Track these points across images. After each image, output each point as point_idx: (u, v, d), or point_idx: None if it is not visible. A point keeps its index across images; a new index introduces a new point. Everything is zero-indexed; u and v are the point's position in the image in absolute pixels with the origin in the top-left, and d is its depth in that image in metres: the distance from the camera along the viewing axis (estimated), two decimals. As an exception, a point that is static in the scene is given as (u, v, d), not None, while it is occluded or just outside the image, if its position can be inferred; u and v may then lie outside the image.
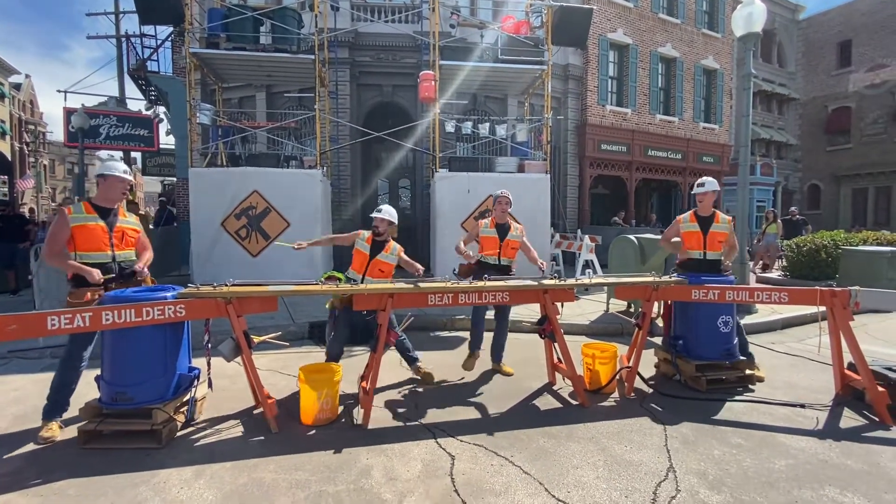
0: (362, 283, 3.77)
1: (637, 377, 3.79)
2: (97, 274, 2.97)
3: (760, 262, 11.29)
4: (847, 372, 3.65)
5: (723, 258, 4.09)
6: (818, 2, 23.67)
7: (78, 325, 2.66)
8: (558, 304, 3.71)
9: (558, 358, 3.79)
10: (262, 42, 8.12)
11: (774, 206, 17.96)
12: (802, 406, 3.49)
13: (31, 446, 2.86)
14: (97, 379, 3.01)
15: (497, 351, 4.38)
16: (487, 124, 8.92)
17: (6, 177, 13.49)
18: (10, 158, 23.28)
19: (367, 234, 4.01)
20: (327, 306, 3.87)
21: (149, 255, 3.44)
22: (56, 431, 2.98)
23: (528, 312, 5.96)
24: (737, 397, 3.68)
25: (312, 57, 7.82)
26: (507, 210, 4.36)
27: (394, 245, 4.02)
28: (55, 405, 3.04)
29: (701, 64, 15.38)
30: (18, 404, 3.51)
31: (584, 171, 13.40)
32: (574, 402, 3.57)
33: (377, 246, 3.94)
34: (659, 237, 6.35)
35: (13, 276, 8.19)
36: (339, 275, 3.90)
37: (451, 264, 4.49)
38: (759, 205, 17.60)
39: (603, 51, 13.37)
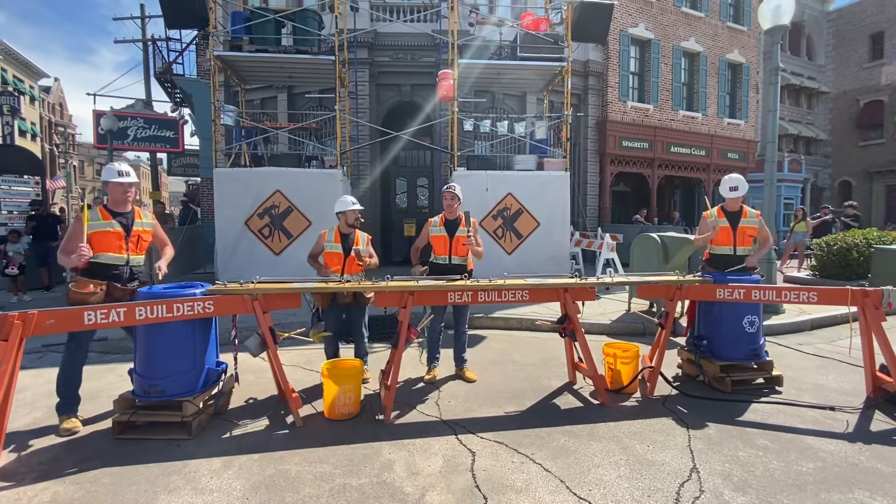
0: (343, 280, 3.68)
1: (660, 377, 3.74)
2: (84, 252, 2.95)
3: (788, 259, 10.98)
4: (879, 374, 3.53)
5: (752, 253, 4.00)
6: (849, -8, 22.77)
7: (113, 320, 2.77)
8: (579, 303, 3.68)
9: (579, 357, 3.77)
10: (283, 44, 8.26)
11: (803, 203, 17.42)
12: (832, 409, 3.39)
13: (66, 437, 2.99)
14: (130, 372, 3.13)
15: (459, 352, 4.12)
16: (506, 122, 8.88)
17: (38, 177, 13.98)
18: (41, 159, 24.24)
19: (331, 233, 3.89)
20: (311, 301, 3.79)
21: (170, 251, 3.51)
22: (77, 424, 3.09)
23: (546, 311, 5.94)
24: (763, 399, 3.60)
25: (332, 58, 7.92)
26: (454, 205, 4.03)
27: (361, 235, 3.95)
28: (68, 400, 3.16)
29: (726, 58, 15.00)
30: (52, 397, 3.62)
31: (605, 169, 13.23)
32: (595, 402, 3.55)
33: (346, 239, 3.86)
34: (682, 235, 6.24)
35: (47, 273, 8.52)
36: (360, 273, 3.94)
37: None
38: (786, 202, 17.09)
39: (624, 46, 13.16)
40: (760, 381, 3.83)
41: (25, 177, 13.48)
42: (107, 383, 3.93)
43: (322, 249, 3.92)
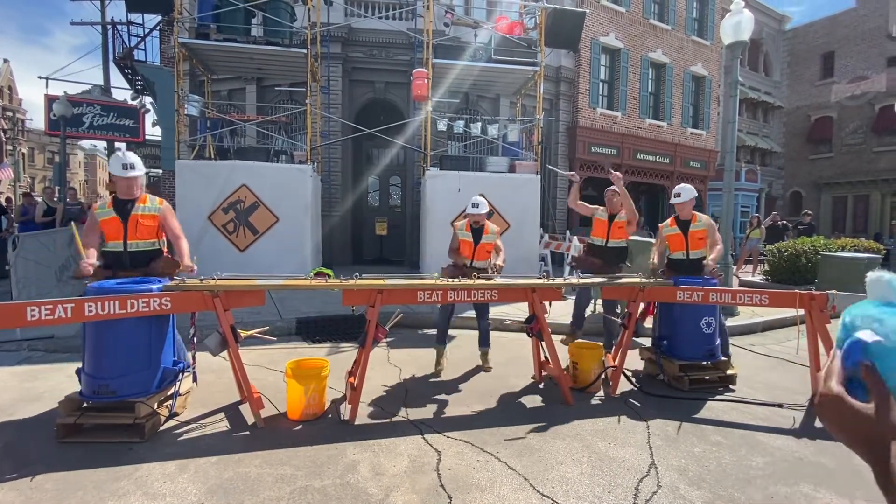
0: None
1: (622, 376, 3.85)
2: (84, 268, 3.00)
3: (743, 264, 11.52)
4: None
5: (710, 258, 4.19)
6: (804, 13, 23.97)
7: (60, 316, 2.61)
8: (546, 304, 3.74)
9: (545, 357, 3.83)
10: (253, 34, 8.01)
11: (758, 211, 18.33)
12: (780, 406, 3.58)
13: (6, 440, 2.80)
14: (78, 371, 2.96)
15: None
16: (479, 124, 8.94)
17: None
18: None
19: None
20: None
21: (186, 247, 3.38)
22: None
23: (515, 311, 6.00)
24: (718, 397, 3.76)
25: (304, 51, 7.75)
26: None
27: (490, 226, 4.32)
28: None
29: (690, 70, 15.61)
30: (-5, 397, 3.43)
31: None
32: (560, 401, 3.61)
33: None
34: (645, 239, 6.45)
35: (-10, 267, 7.96)
36: (328, 271, 3.87)
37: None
38: (743, 210, 17.92)
39: (595, 54, 13.49)
40: (716, 379, 3.99)
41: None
42: (54, 383, 3.70)
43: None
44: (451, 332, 5.62)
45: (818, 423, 3.31)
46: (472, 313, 5.78)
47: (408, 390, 3.77)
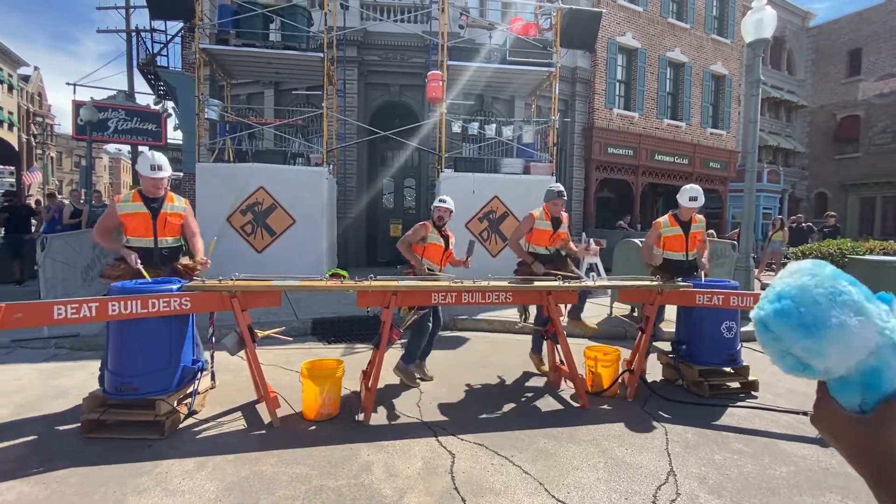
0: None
1: (640, 381, 3.78)
2: (134, 257, 3.15)
3: (765, 268, 11.24)
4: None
5: (703, 260, 4.17)
6: (829, 9, 23.34)
7: (84, 315, 2.68)
8: (561, 306, 3.70)
9: (560, 360, 3.78)
10: (271, 39, 8.15)
11: (781, 213, 17.87)
12: (805, 413, 3.46)
13: (33, 435, 2.88)
14: (102, 369, 3.03)
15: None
16: (494, 125, 8.91)
17: (13, 168, 13.57)
18: (17, 150, 23.46)
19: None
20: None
21: (201, 243, 3.52)
22: None
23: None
24: (739, 403, 3.66)
25: (321, 55, 7.85)
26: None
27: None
28: None
29: (710, 69, 15.33)
30: (21, 393, 3.54)
31: (590, 175, 13.38)
32: (575, 405, 3.57)
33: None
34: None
35: (19, 267, 8.25)
36: (343, 272, 3.90)
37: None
38: (765, 212, 17.50)
39: (611, 54, 13.34)
40: (737, 385, 3.89)
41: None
42: (78, 380, 3.81)
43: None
44: (463, 334, 5.63)
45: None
46: (485, 315, 5.79)
47: (421, 392, 3.77)
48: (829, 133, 23.38)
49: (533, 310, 4.38)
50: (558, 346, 3.74)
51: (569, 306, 4.77)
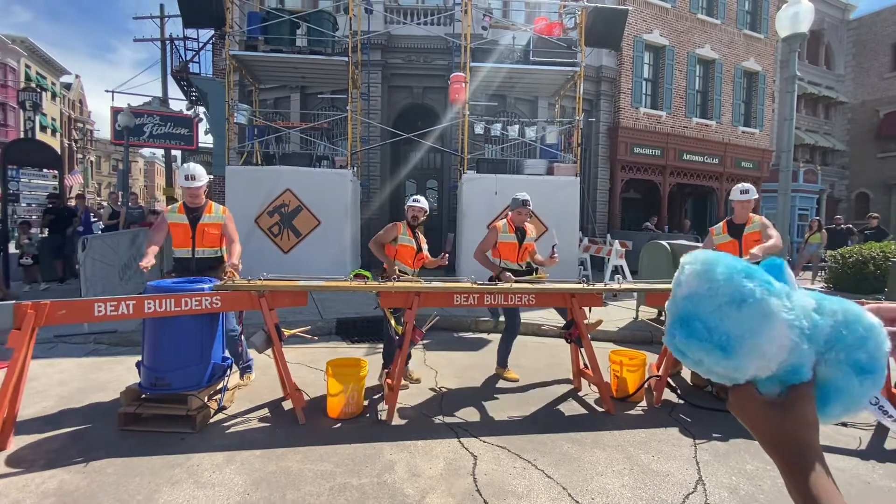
0: None
1: (667, 387, 3.69)
2: (146, 261, 3.25)
3: (801, 271, 10.80)
4: (894, 391, 3.44)
5: (754, 251, 3.97)
6: (870, 1, 22.36)
7: (122, 312, 2.81)
8: (586, 309, 3.65)
9: (584, 364, 3.73)
10: (297, 44, 8.34)
11: (818, 214, 17.13)
12: (844, 425, 3.31)
13: (74, 426, 3.02)
14: (138, 364, 3.16)
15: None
16: (517, 126, 8.87)
17: (56, 171, 14.27)
18: (59, 154, 24.64)
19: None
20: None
21: (238, 248, 3.69)
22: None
23: (553, 316, 5.89)
24: (772, 412, 3.53)
25: (346, 59, 7.98)
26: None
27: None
28: None
29: (741, 66, 14.83)
30: (63, 386, 3.72)
31: (616, 175, 13.14)
32: (600, 409, 3.51)
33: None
34: (693, 244, 6.17)
35: (62, 266, 8.67)
36: (367, 273, 3.95)
37: (475, 266, 4.47)
38: (801, 213, 16.79)
39: (638, 52, 13.08)
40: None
41: (44, 171, 13.74)
42: (115, 375, 3.98)
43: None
44: (486, 336, 5.61)
45: (888, 445, 3.04)
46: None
47: (444, 392, 3.78)
48: (871, 130, 22.26)
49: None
50: (582, 350, 3.69)
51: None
